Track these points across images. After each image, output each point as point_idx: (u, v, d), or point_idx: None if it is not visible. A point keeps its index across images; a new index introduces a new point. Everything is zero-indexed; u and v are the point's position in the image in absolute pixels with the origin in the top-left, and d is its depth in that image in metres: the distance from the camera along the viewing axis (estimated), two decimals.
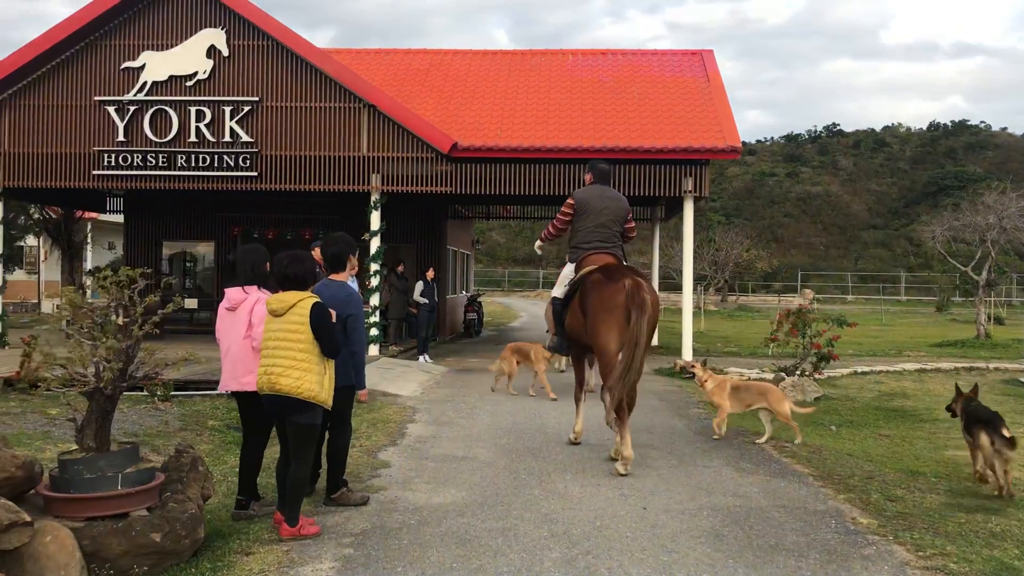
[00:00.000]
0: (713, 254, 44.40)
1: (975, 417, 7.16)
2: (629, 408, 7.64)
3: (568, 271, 8.43)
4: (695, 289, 18.84)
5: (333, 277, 6.47)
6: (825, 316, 13.22)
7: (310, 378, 5.56)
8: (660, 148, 15.23)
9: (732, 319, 34.20)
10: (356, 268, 6.87)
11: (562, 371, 14.40)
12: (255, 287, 6.17)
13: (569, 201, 8.45)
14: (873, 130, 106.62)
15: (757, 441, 9.10)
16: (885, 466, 8.10)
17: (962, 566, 5.25)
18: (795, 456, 8.42)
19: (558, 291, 8.55)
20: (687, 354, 15.56)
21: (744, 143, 15.87)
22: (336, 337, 5.78)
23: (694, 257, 16.94)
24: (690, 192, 15.57)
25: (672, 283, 44.89)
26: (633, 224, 8.60)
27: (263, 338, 5.76)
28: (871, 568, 5.23)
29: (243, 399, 6.15)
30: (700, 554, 5.43)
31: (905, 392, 13.21)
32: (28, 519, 4.35)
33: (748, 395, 9.27)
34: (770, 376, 13.27)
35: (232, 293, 6.15)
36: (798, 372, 12.72)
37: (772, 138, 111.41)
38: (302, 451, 5.74)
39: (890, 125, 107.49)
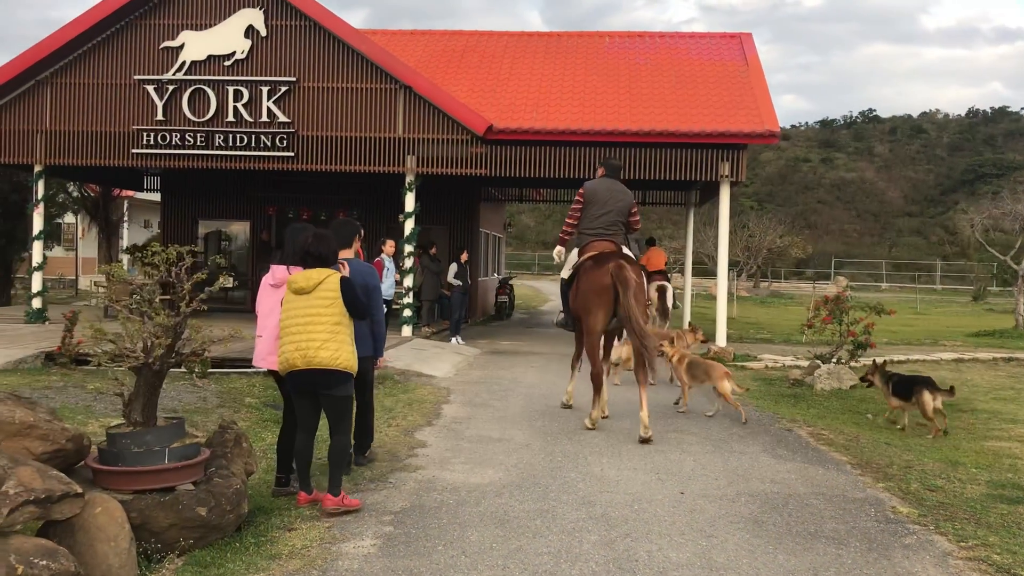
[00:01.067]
0: (746, 240, 44.03)
1: (911, 380, 9.27)
2: (648, 370, 8.36)
3: (574, 255, 9.08)
4: (728, 274, 18.70)
5: (341, 254, 6.42)
6: (863, 304, 13.08)
7: (347, 350, 5.74)
8: (697, 132, 15.11)
9: (765, 305, 33.98)
10: (359, 249, 7.12)
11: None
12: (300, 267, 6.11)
13: (579, 191, 9.09)
14: (910, 116, 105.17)
15: (707, 414, 9.67)
16: (924, 455, 8.03)
17: (1005, 557, 5.20)
18: (832, 444, 8.37)
19: (565, 273, 9.23)
20: (721, 340, 15.49)
21: (779, 128, 15.71)
22: (370, 303, 6.22)
23: (728, 242, 16.78)
24: (726, 177, 15.46)
25: (704, 268, 44.66)
26: (638, 216, 9.24)
27: (286, 316, 5.79)
28: (912, 558, 5.19)
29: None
30: (739, 540, 5.42)
31: (943, 381, 13.05)
32: (79, 490, 4.42)
33: (698, 371, 9.80)
34: (805, 364, 13.18)
35: (280, 271, 6.21)
36: (834, 360, 12.62)
37: (806, 123, 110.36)
38: (343, 422, 5.90)
39: (928, 111, 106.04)
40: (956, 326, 25.39)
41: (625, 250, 8.95)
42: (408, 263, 15.83)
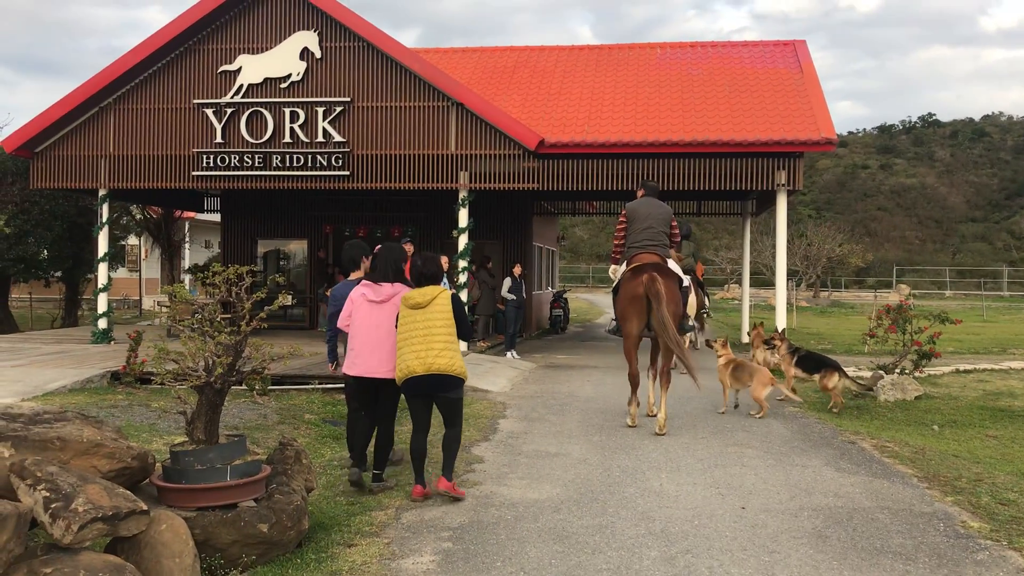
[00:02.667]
0: (805, 249, 43.43)
1: (821, 362, 11.08)
2: (665, 378, 9.25)
3: (623, 267, 9.72)
4: (787, 284, 18.40)
5: (353, 276, 7.40)
6: (926, 313, 12.79)
7: (460, 358, 6.52)
8: (752, 141, 14.97)
9: (825, 315, 33.38)
10: (368, 269, 7.54)
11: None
12: (398, 284, 6.86)
13: (623, 212, 9.80)
14: (971, 119, 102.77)
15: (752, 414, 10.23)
16: (994, 468, 7.81)
17: None
18: (897, 456, 8.18)
19: (615, 283, 9.96)
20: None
21: (836, 135, 15.47)
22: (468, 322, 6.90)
23: (786, 251, 16.56)
24: (783, 186, 15.27)
25: (762, 278, 44.12)
26: (677, 229, 9.85)
27: (407, 326, 6.49)
28: (985, 574, 5.04)
29: (385, 383, 6.77)
30: (803, 555, 5.32)
31: (1012, 391, 12.69)
32: (145, 508, 4.51)
33: (743, 375, 10.43)
34: (868, 374, 12.92)
35: (385, 288, 6.79)
36: (898, 370, 12.35)
37: (864, 129, 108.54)
38: (456, 418, 6.68)
39: (990, 114, 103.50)
40: None
41: (671, 263, 9.52)
42: (463, 278, 15.90)
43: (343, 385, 7.96)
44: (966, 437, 9.46)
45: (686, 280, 9.85)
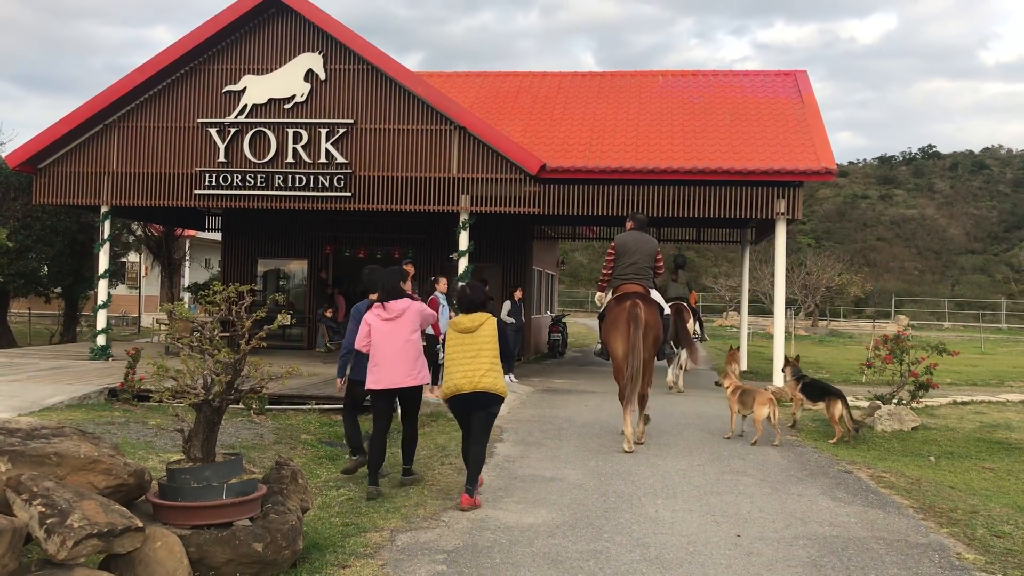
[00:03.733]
0: (804, 278, 43.50)
1: (825, 390, 11.08)
2: (642, 400, 9.94)
3: (609, 295, 10.41)
4: (785, 313, 18.44)
5: (372, 297, 7.96)
6: (924, 343, 12.80)
7: (501, 378, 7.17)
8: (752, 170, 15.04)
9: (823, 344, 33.37)
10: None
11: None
12: (405, 300, 7.48)
13: (611, 245, 10.43)
14: (971, 152, 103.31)
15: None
16: (990, 500, 7.81)
17: None
18: (893, 487, 8.18)
19: (601, 310, 10.63)
20: (778, 380, 15.25)
21: (836, 165, 15.56)
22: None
23: (785, 280, 16.60)
24: (783, 214, 15.34)
25: (760, 307, 44.12)
26: (661, 262, 10.52)
27: (455, 349, 7.17)
28: None
29: (404, 393, 7.51)
30: None
31: (1010, 424, 12.69)
32: (140, 524, 4.52)
33: (748, 400, 10.54)
34: (865, 404, 12.92)
35: (398, 305, 7.38)
36: (895, 400, 12.36)
37: (864, 160, 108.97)
38: (485, 434, 7.27)
39: (990, 147, 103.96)
40: (1023, 366, 24.66)
41: (653, 293, 10.25)
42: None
43: (341, 406, 8.70)
44: (962, 469, 9.45)
45: (667, 308, 10.70)
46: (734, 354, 13.35)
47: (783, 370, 12.13)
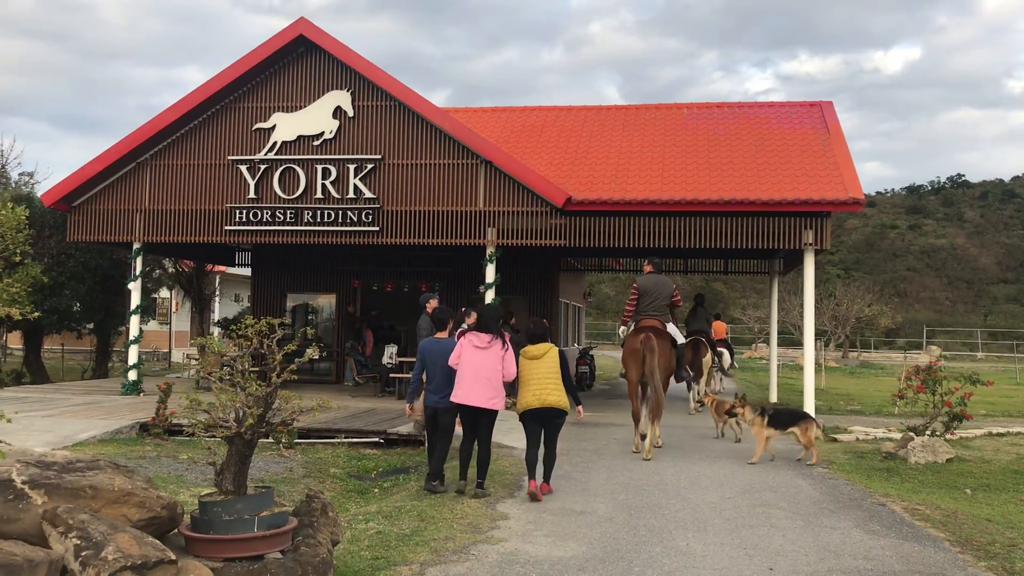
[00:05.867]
0: (833, 309, 43.20)
1: (794, 415, 11.51)
2: (657, 413, 11.37)
3: (631, 329, 11.99)
4: (815, 344, 18.33)
5: (438, 335, 9.32)
6: (957, 374, 12.63)
7: (564, 396, 8.79)
8: (779, 200, 15.01)
9: (854, 376, 33.03)
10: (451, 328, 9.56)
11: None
12: (492, 335, 8.80)
13: (633, 287, 12.06)
14: (1001, 180, 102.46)
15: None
16: None
17: None
18: (929, 519, 8.05)
19: (623, 340, 12.28)
20: (808, 412, 15.09)
21: (864, 195, 15.48)
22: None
23: (814, 311, 16.49)
24: (810, 245, 15.27)
25: (790, 338, 43.76)
26: (679, 298, 12.14)
27: (527, 373, 8.80)
28: None
29: (482, 411, 8.79)
30: None
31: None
32: (173, 557, 4.55)
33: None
34: (898, 436, 12.75)
35: (485, 337, 8.78)
36: (928, 432, 12.19)
37: (892, 190, 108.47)
38: (555, 439, 8.98)
39: (1020, 175, 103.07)
40: None
41: (670, 327, 11.82)
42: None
43: (378, 440, 11.47)
44: (1000, 501, 9.28)
45: (680, 339, 12.15)
46: (712, 400, 13.61)
47: (737, 410, 11.71)
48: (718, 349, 19.81)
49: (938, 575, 6.21)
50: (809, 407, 15.19)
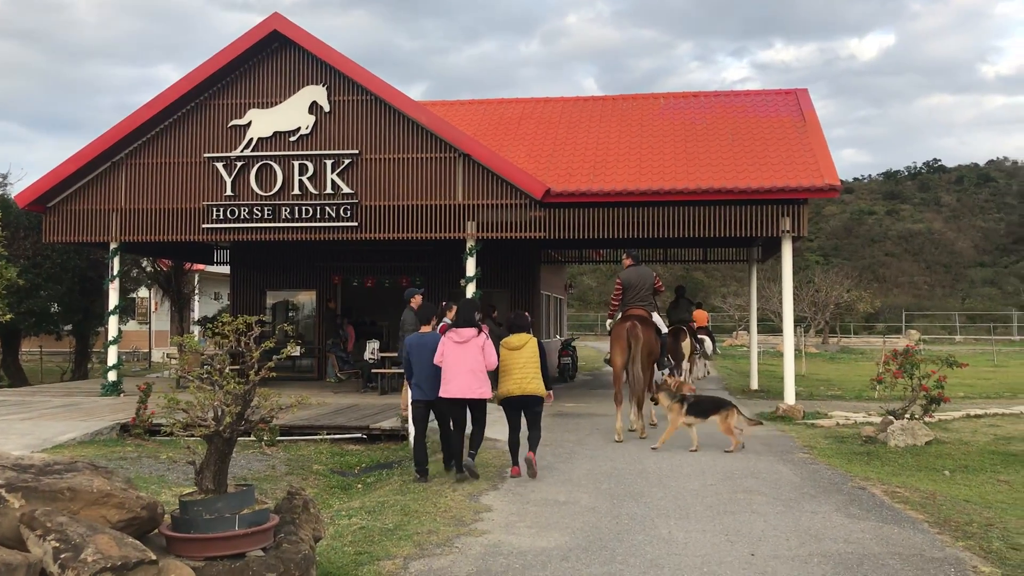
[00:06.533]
0: (813, 295, 43.44)
1: (717, 402, 11.47)
2: (638, 396, 12.12)
3: (619, 316, 12.59)
4: (795, 331, 18.48)
5: (423, 330, 9.79)
6: (933, 357, 12.76)
7: (542, 383, 9.34)
8: (756, 188, 15.08)
9: (834, 362, 33.28)
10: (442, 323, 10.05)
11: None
12: (472, 328, 9.20)
13: (617, 282, 12.68)
14: (976, 165, 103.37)
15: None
16: (1006, 513, 7.76)
17: None
18: (908, 502, 8.14)
19: (610, 329, 12.95)
20: (789, 398, 15.22)
21: (841, 181, 15.57)
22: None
23: (793, 298, 16.59)
24: (788, 232, 15.35)
25: (770, 325, 43.98)
26: (660, 283, 12.75)
27: (507, 362, 9.31)
28: None
29: (473, 402, 9.29)
30: None
31: None
32: (153, 557, 4.53)
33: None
34: (877, 420, 12.87)
35: (466, 332, 9.18)
36: (907, 415, 12.31)
37: (869, 176, 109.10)
38: (537, 423, 9.45)
39: (995, 159, 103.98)
40: None
41: (654, 316, 12.48)
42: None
43: (361, 435, 12.07)
44: (977, 482, 9.40)
45: (664, 329, 12.77)
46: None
47: (653, 399, 11.75)
48: (700, 336, 20.28)
49: (917, 556, 6.28)
50: (790, 393, 15.32)
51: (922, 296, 69.84)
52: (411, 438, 10.25)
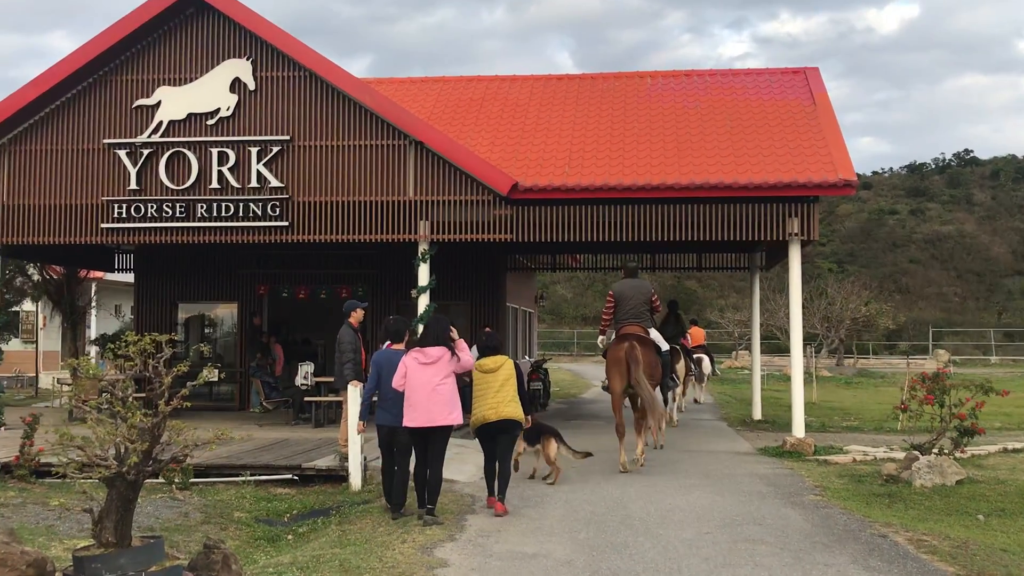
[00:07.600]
0: (825, 308, 43.86)
1: (540, 430, 11.76)
2: (656, 417, 13.09)
3: (612, 334, 13.29)
4: (805, 351, 18.71)
5: (395, 347, 10.25)
6: (967, 381, 12.95)
7: (519, 407, 10.01)
8: (759, 184, 15.23)
9: (851, 387, 33.69)
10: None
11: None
12: (442, 347, 9.50)
13: (609, 295, 13.48)
14: (1014, 156, 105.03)
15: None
16: None
17: None
18: (936, 551, 8.26)
19: (604, 351, 13.70)
20: (797, 430, 15.36)
21: (858, 175, 15.79)
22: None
23: (803, 312, 16.75)
24: (796, 235, 15.51)
25: (775, 344, 44.40)
26: (657, 301, 13.47)
27: (481, 386, 9.92)
28: None
29: (434, 431, 9.51)
30: None
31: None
32: None
33: None
34: (900, 455, 13.04)
35: (434, 351, 9.45)
36: (935, 450, 12.48)
37: (891, 169, 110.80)
38: (508, 453, 10.20)
39: None
40: None
41: (652, 332, 13.15)
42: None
43: (292, 476, 12.29)
44: (1016, 528, 9.54)
45: (665, 346, 13.44)
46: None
47: None
48: (698, 356, 21.91)
49: None
50: (799, 424, 15.46)
51: (952, 310, 70.90)
52: (379, 468, 10.82)
